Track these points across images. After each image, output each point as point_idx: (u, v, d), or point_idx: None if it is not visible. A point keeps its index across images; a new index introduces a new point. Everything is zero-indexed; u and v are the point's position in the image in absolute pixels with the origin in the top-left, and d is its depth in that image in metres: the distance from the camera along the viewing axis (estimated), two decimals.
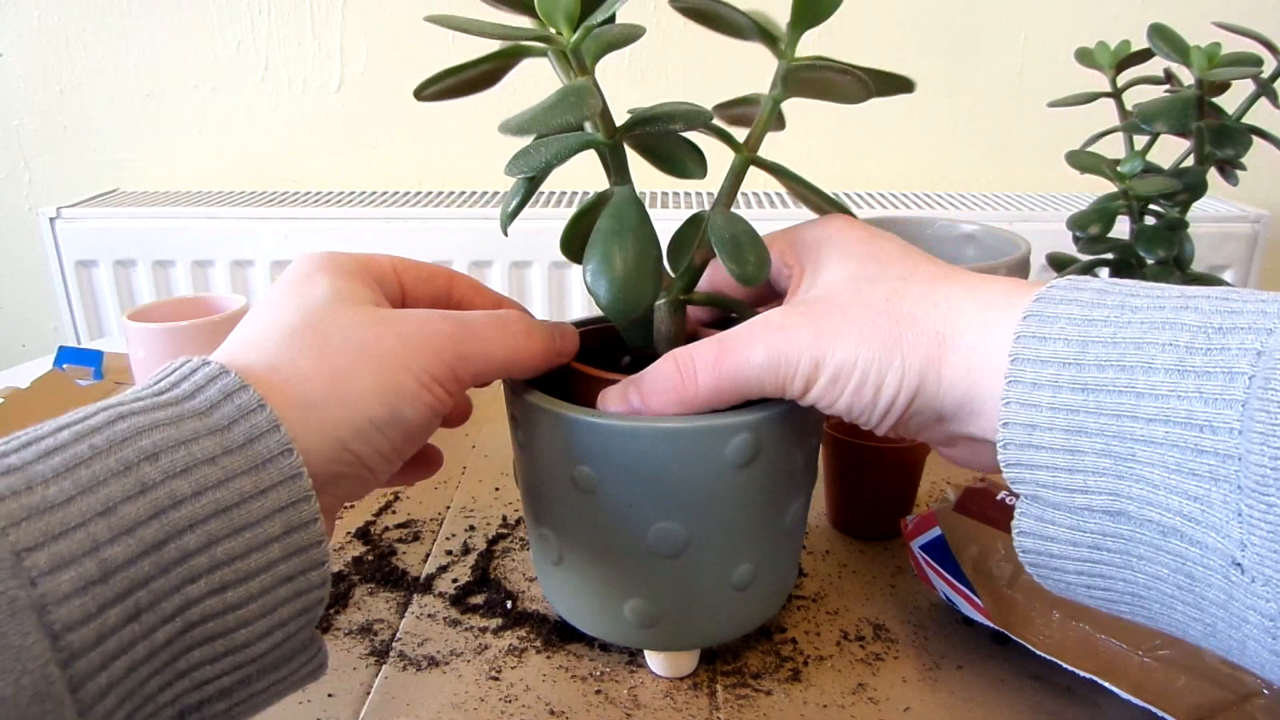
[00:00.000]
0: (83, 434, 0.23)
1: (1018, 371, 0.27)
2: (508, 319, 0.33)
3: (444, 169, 1.34)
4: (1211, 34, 0.56)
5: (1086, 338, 0.26)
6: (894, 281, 0.31)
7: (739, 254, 0.33)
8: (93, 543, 0.21)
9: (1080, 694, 0.38)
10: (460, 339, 0.31)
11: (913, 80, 0.35)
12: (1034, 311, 0.27)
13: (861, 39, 1.27)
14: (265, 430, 0.25)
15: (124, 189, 1.35)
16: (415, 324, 0.30)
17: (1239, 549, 0.23)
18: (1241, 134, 0.57)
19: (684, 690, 0.38)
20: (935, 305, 0.30)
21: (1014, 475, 0.27)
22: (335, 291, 0.30)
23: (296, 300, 0.30)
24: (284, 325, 0.29)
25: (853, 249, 0.33)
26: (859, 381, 0.30)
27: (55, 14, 1.28)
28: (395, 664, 0.40)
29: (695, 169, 0.36)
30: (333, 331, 0.29)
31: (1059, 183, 1.30)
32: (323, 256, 0.32)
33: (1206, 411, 0.23)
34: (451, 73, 0.32)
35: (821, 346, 0.30)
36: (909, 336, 0.30)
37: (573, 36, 0.31)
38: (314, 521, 0.26)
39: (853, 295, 0.31)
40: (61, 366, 0.71)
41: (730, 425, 0.32)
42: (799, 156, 1.33)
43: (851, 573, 0.47)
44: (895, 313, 0.30)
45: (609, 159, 0.34)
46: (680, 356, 0.33)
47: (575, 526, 0.35)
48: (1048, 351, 0.26)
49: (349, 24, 1.28)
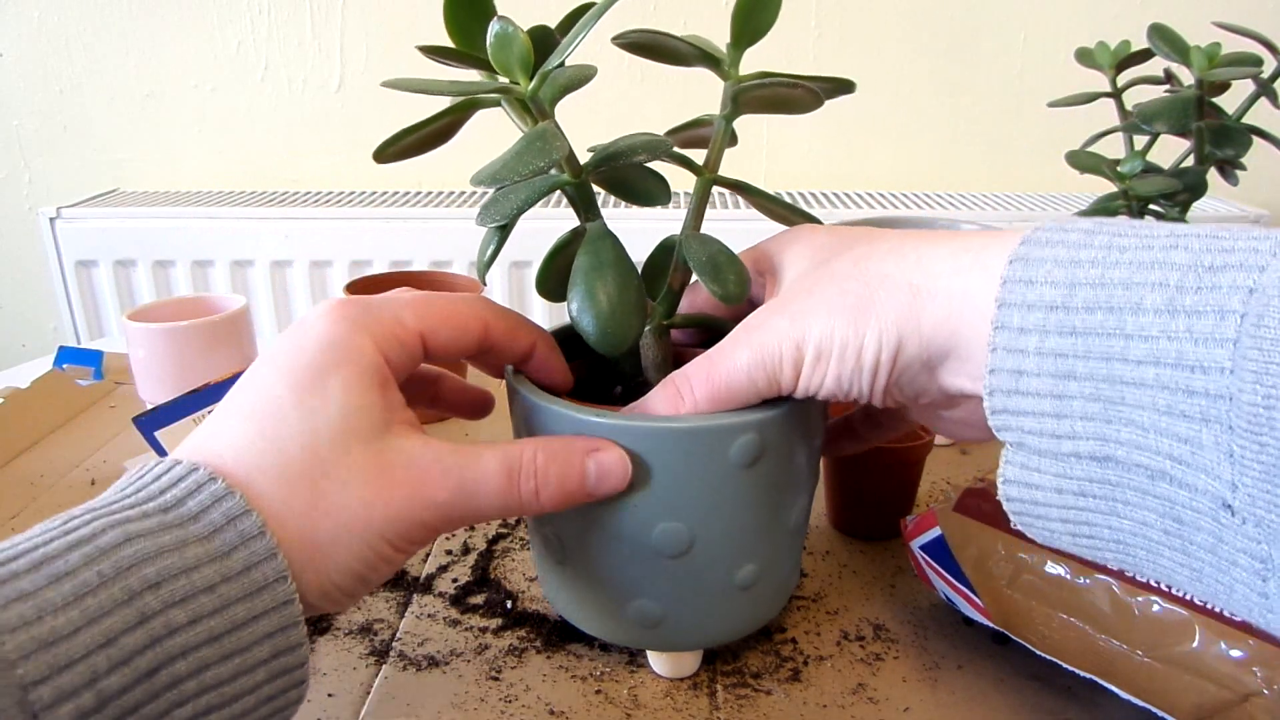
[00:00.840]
0: (92, 558, 0.24)
1: (1005, 317, 0.26)
2: (520, 468, 0.31)
3: (444, 169, 1.34)
4: (1211, 34, 0.56)
5: (1074, 280, 0.25)
6: (861, 248, 0.31)
7: (719, 274, 0.34)
8: (92, 674, 0.23)
9: (1080, 694, 0.38)
10: (453, 508, 0.30)
11: (853, 81, 0.35)
12: (1020, 255, 0.27)
13: (861, 39, 1.27)
14: (263, 558, 0.26)
15: (124, 189, 1.35)
16: (412, 489, 0.29)
17: (1230, 490, 0.23)
18: (1241, 134, 0.57)
19: (684, 690, 0.38)
20: (904, 258, 0.30)
21: (1000, 423, 0.27)
22: (346, 415, 0.29)
23: (305, 417, 0.28)
24: (285, 457, 0.28)
25: (816, 241, 0.34)
26: (840, 351, 0.30)
27: (55, 14, 1.28)
28: (395, 664, 0.40)
29: (660, 196, 0.36)
30: (329, 486, 0.28)
31: (1059, 183, 1.30)
32: (344, 331, 0.30)
33: (1197, 352, 0.23)
34: (408, 132, 0.32)
35: (797, 328, 0.30)
36: (880, 294, 0.29)
37: (529, 85, 0.31)
38: (300, 646, 0.27)
39: (820, 274, 0.32)
40: (61, 366, 0.71)
41: (736, 425, 0.32)
42: (799, 157, 1.33)
43: (851, 573, 0.47)
44: (864, 275, 0.30)
45: (577, 197, 0.35)
46: (675, 377, 0.33)
47: (579, 527, 0.35)
48: (1034, 295, 0.26)
49: (349, 24, 1.28)
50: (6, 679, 0.21)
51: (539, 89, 0.31)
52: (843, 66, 1.26)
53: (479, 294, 0.37)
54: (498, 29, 0.30)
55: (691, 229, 0.36)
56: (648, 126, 0.37)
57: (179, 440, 0.55)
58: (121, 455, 0.60)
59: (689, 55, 0.35)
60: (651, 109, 1.29)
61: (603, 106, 1.26)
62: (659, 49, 0.35)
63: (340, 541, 0.28)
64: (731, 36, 0.34)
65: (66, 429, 0.64)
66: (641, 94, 1.28)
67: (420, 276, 0.68)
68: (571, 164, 0.34)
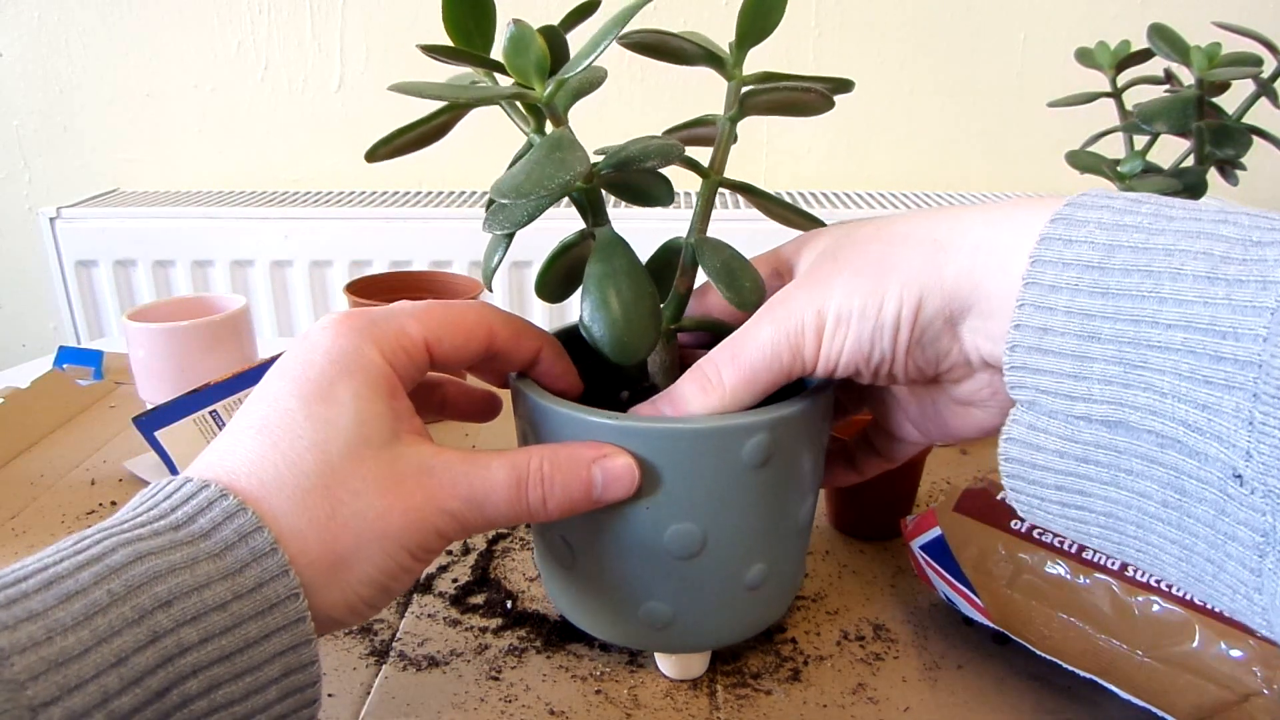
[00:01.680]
0: (102, 577, 0.24)
1: (1036, 273, 0.26)
2: (528, 477, 0.31)
3: (444, 169, 1.34)
4: (1211, 34, 0.56)
5: (1114, 243, 0.25)
6: (883, 219, 0.31)
7: (734, 281, 0.33)
8: (103, 695, 0.22)
9: (1080, 694, 0.38)
10: (465, 516, 0.30)
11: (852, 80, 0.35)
12: (1063, 215, 0.26)
13: (861, 39, 1.27)
14: (275, 575, 0.26)
15: (124, 189, 1.35)
16: (425, 498, 0.29)
17: (1243, 459, 0.22)
18: (1241, 134, 0.57)
19: (684, 690, 0.38)
20: (929, 218, 0.30)
21: (1015, 380, 0.27)
22: (358, 423, 0.29)
23: (317, 427, 0.28)
24: (298, 469, 0.28)
25: (835, 231, 0.34)
26: (860, 310, 0.30)
27: (55, 14, 1.28)
28: (395, 664, 0.40)
29: (664, 197, 0.36)
30: (344, 495, 0.28)
31: (1059, 183, 1.30)
32: (351, 342, 0.30)
33: (1233, 318, 0.22)
34: (402, 132, 0.32)
35: (818, 296, 0.30)
36: (901, 250, 0.29)
37: (545, 90, 0.31)
38: (312, 664, 0.27)
39: (841, 245, 0.32)
40: (61, 366, 0.71)
41: (747, 425, 0.32)
42: (799, 156, 1.33)
43: (851, 573, 0.47)
44: (886, 235, 0.30)
45: (587, 203, 0.35)
46: (703, 363, 0.33)
47: (590, 530, 0.35)
48: (1071, 254, 0.25)
49: (349, 24, 1.28)
50: (15, 701, 0.21)
51: (554, 95, 0.31)
52: (843, 66, 1.26)
53: (479, 297, 0.37)
54: (513, 31, 0.30)
55: (699, 232, 0.36)
56: (646, 125, 0.37)
57: (179, 440, 0.55)
58: (121, 455, 0.60)
59: (693, 55, 0.34)
60: (650, 108, 1.29)
61: (602, 106, 1.26)
62: (664, 49, 0.35)
63: (361, 553, 0.28)
64: (736, 36, 0.34)
65: (66, 429, 0.64)
66: (641, 93, 1.28)
67: (420, 276, 0.68)
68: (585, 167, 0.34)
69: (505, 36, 0.30)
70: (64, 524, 0.52)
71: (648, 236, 0.38)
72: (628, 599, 0.35)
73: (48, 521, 0.52)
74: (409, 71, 1.34)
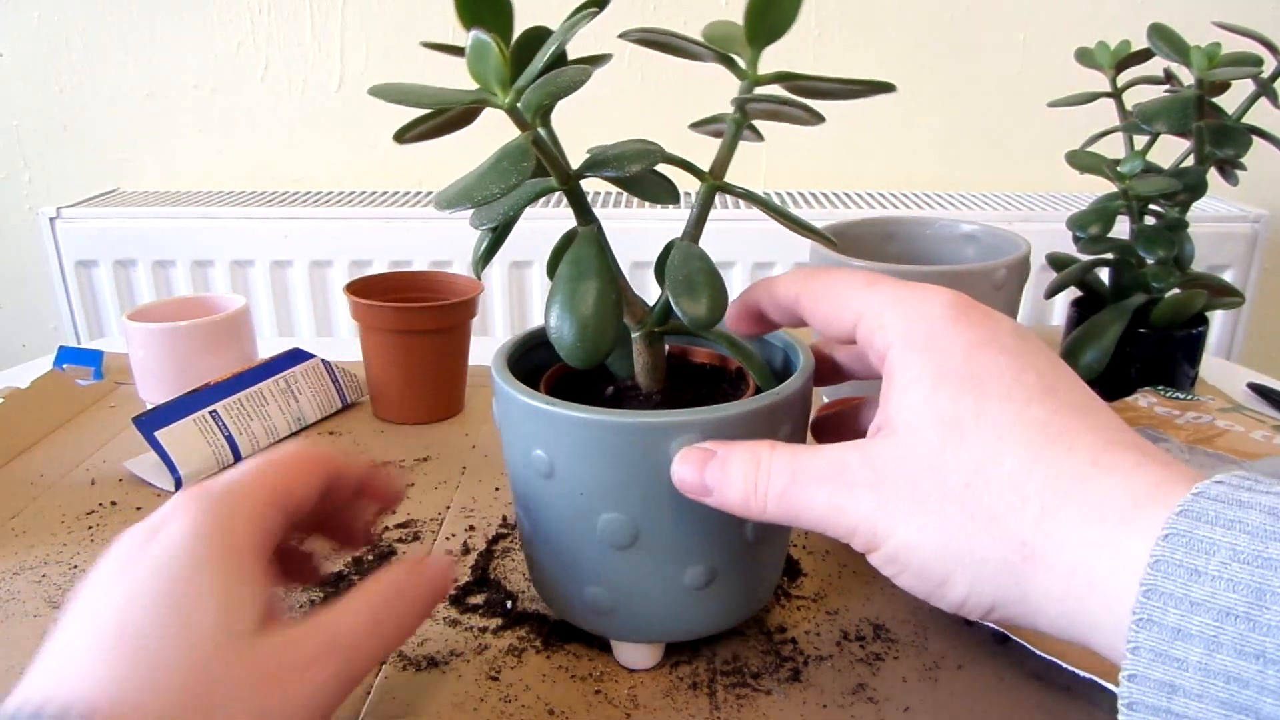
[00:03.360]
0: None
1: (1153, 610, 0.21)
2: (386, 616, 0.30)
3: (443, 169, 1.34)
4: (1211, 34, 0.56)
5: (1264, 586, 0.20)
6: (985, 447, 0.26)
7: (693, 295, 0.33)
8: None
9: (1080, 694, 0.38)
10: (347, 675, 0.29)
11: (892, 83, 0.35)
12: (1180, 531, 0.22)
13: (862, 39, 1.27)
14: None
15: (124, 189, 1.35)
16: (298, 686, 0.27)
17: None
18: (1241, 134, 0.57)
19: (684, 690, 0.38)
20: (1025, 502, 0.25)
21: None
22: (225, 616, 0.27)
23: (180, 628, 0.26)
24: (165, 677, 0.25)
25: (949, 366, 0.28)
26: (919, 570, 0.27)
27: (55, 14, 1.28)
28: (395, 664, 0.40)
29: (666, 197, 0.37)
30: (218, 691, 0.25)
31: (1059, 183, 1.30)
32: (202, 527, 0.28)
33: None
34: (428, 118, 0.32)
35: (881, 521, 0.27)
36: (983, 538, 0.25)
37: (506, 97, 0.31)
38: None
39: (929, 461, 0.27)
40: (61, 366, 0.71)
41: (678, 424, 0.32)
42: (800, 156, 1.33)
43: (851, 573, 0.47)
44: (973, 506, 0.26)
45: (569, 201, 0.35)
46: (762, 466, 0.30)
47: (539, 509, 0.36)
48: (1202, 592, 0.21)
49: (349, 24, 1.28)
50: None
51: (515, 102, 0.31)
52: (843, 66, 1.26)
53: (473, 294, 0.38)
54: (473, 39, 0.30)
55: (691, 237, 0.36)
56: (648, 125, 0.37)
57: (179, 440, 0.55)
58: (121, 455, 0.60)
59: (701, 53, 0.34)
60: (652, 107, 1.29)
61: (602, 105, 1.26)
62: (670, 46, 0.34)
63: None
64: (746, 35, 0.33)
65: (66, 429, 0.64)
66: (641, 92, 1.28)
67: (420, 276, 0.68)
68: (558, 171, 0.33)
69: (467, 44, 0.30)
70: (64, 524, 0.52)
71: (653, 236, 0.38)
72: (572, 580, 0.37)
73: (48, 521, 0.52)
74: (409, 71, 1.34)
